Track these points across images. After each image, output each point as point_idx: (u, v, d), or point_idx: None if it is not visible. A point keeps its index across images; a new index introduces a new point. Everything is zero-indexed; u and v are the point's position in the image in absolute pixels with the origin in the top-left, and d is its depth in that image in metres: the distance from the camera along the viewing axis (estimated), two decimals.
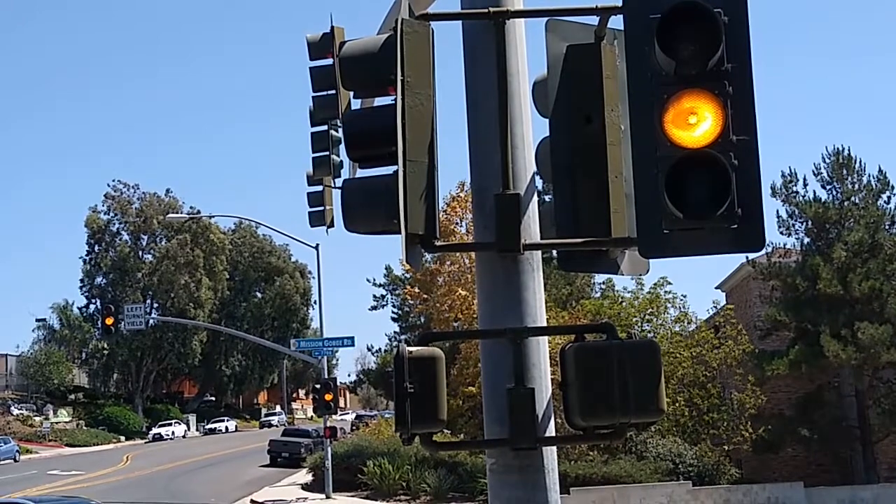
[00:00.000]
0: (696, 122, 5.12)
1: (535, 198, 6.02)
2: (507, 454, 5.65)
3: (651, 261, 6.23)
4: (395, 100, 5.47)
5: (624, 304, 43.36)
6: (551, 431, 5.83)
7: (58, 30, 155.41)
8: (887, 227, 39.37)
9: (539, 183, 6.22)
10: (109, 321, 43.41)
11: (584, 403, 5.49)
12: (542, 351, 5.82)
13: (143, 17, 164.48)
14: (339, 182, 14.69)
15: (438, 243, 5.75)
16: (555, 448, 5.91)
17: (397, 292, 68.63)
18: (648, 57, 5.15)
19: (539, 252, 5.96)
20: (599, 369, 5.45)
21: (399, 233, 5.32)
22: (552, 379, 5.92)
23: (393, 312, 72.69)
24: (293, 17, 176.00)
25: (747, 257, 38.95)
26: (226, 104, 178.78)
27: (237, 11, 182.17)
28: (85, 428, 77.88)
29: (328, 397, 38.67)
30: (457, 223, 43.66)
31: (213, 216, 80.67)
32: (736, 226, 5.13)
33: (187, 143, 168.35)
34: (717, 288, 50.39)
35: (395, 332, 71.32)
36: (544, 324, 5.98)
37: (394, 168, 5.51)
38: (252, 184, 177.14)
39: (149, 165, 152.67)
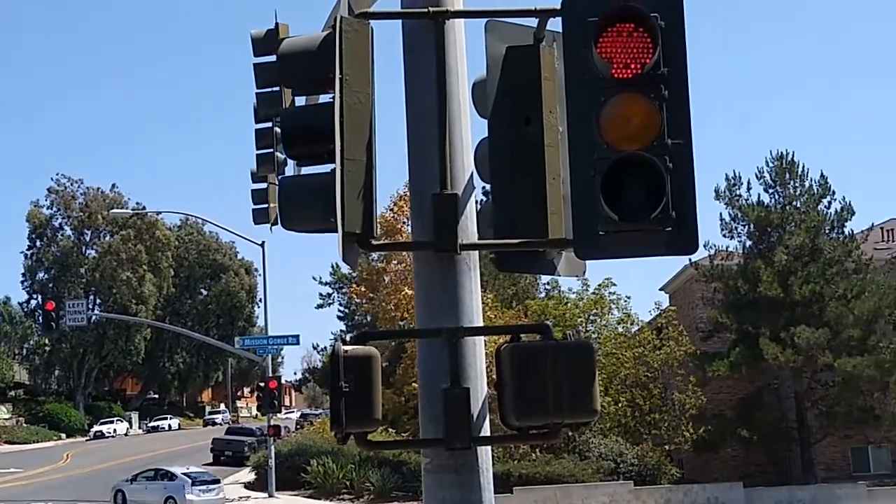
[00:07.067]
0: (631, 126, 5.15)
1: (473, 198, 6.03)
2: (443, 454, 5.63)
3: (594, 262, 6.25)
4: (333, 98, 5.45)
5: (569, 304, 43.62)
6: (486, 431, 5.83)
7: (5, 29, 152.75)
8: (827, 231, 40.01)
9: (478, 183, 6.23)
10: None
11: (518, 403, 5.49)
12: (477, 351, 5.83)
13: (88, 22, 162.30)
14: None
15: (376, 242, 5.75)
16: (490, 448, 5.92)
17: (344, 291, 68.35)
18: (586, 59, 5.18)
19: (476, 252, 5.97)
20: (534, 369, 5.45)
21: (336, 231, 5.30)
22: (488, 379, 5.93)
23: (339, 311, 72.52)
24: (241, 15, 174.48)
25: (690, 259, 39.40)
26: (173, 102, 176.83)
27: (183, 10, 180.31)
28: (25, 425, 76.72)
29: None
30: (404, 222, 43.59)
31: (160, 212, 79.83)
32: (670, 228, 5.17)
33: (134, 140, 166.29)
34: (660, 290, 50.87)
35: (340, 331, 70.91)
36: (481, 324, 5.98)
37: (332, 166, 5.48)
38: (199, 181, 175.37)
39: (94, 162, 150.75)
